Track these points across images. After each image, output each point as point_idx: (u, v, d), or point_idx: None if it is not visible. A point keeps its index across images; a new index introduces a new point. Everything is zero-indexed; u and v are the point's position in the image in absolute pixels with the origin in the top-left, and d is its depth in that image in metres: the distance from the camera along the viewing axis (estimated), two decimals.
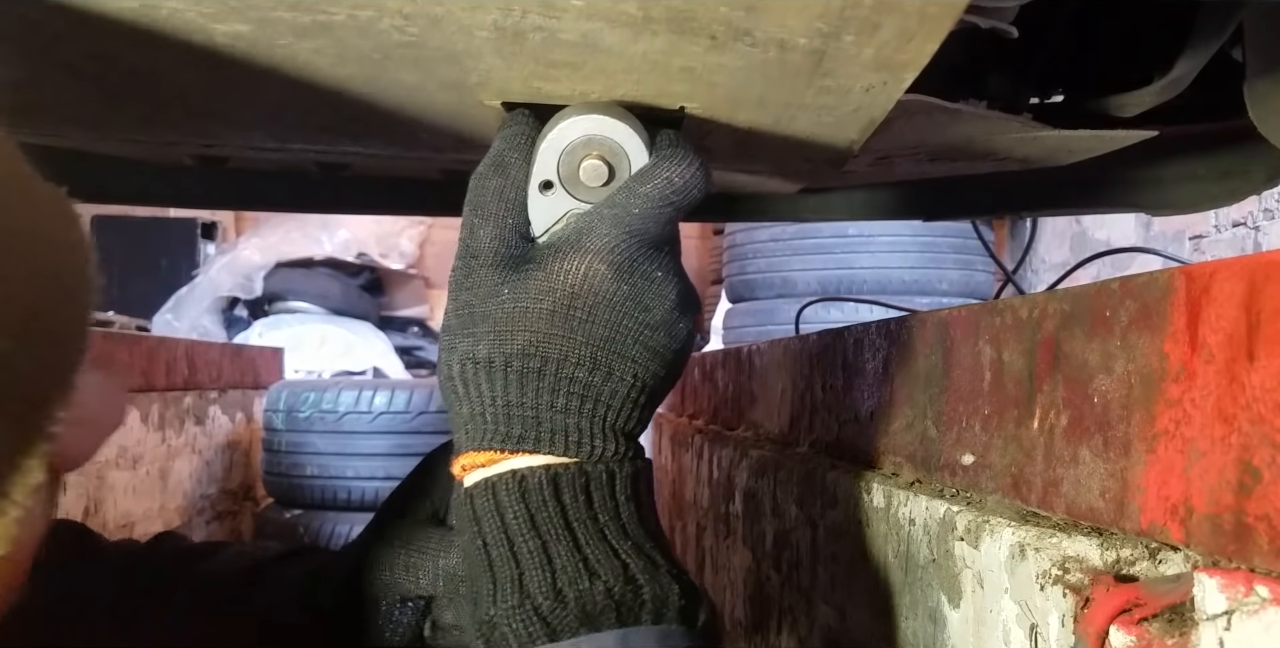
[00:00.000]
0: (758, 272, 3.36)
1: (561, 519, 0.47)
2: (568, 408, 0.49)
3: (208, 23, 0.46)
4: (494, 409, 0.49)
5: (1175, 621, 0.38)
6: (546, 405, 0.49)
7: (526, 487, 0.47)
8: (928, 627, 0.60)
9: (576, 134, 0.52)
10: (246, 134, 0.68)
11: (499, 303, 0.50)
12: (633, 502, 0.49)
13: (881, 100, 0.54)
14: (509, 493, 0.47)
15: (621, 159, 0.52)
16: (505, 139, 0.53)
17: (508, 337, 0.49)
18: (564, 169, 0.52)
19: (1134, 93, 0.83)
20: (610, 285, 0.50)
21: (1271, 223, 2.73)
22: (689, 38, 0.46)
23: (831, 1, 0.42)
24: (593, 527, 0.47)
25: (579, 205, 0.52)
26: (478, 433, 0.49)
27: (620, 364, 0.50)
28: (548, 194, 0.53)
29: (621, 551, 0.47)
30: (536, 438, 0.49)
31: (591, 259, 0.50)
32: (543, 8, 0.43)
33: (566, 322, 0.49)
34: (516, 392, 0.49)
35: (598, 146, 0.52)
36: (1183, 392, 0.41)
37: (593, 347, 0.49)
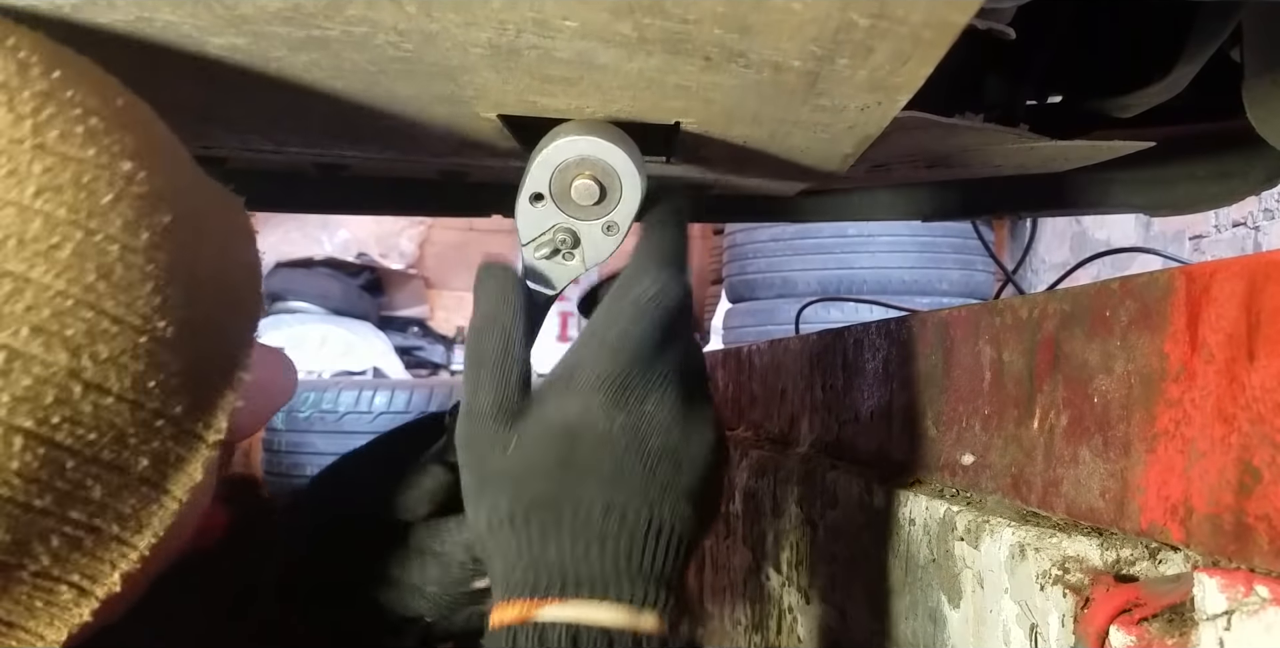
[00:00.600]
0: (758, 272, 3.35)
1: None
2: (588, 555, 0.47)
3: (202, 35, 0.46)
4: (523, 562, 0.48)
5: (1175, 621, 0.38)
6: (569, 554, 0.47)
7: (545, 640, 0.46)
8: (928, 627, 0.60)
9: (571, 153, 0.53)
10: (244, 137, 0.68)
11: (506, 459, 0.50)
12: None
13: (876, 119, 0.54)
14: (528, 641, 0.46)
15: (614, 180, 0.53)
16: (493, 295, 0.52)
17: (522, 491, 0.49)
18: (556, 185, 0.53)
19: (1133, 94, 0.83)
20: (604, 422, 0.48)
21: (1271, 223, 2.73)
22: (683, 58, 0.46)
23: (825, 26, 0.42)
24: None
25: (567, 220, 0.53)
26: (512, 586, 0.48)
27: (634, 503, 0.48)
28: (537, 206, 0.53)
29: None
30: (562, 586, 0.47)
31: (586, 397, 0.49)
32: (537, 27, 0.43)
33: (571, 467, 0.48)
34: (539, 544, 0.48)
35: (591, 166, 0.53)
36: (1183, 392, 0.41)
37: (603, 488, 0.48)
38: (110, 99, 0.42)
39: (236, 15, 0.44)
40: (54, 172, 0.37)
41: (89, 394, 0.38)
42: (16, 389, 0.36)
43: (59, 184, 0.37)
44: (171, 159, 0.44)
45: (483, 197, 1.06)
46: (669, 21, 0.42)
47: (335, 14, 0.43)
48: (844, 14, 0.41)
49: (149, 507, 0.42)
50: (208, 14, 0.44)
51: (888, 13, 0.40)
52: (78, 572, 0.41)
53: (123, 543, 0.42)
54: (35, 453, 0.37)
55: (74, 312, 0.37)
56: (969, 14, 0.41)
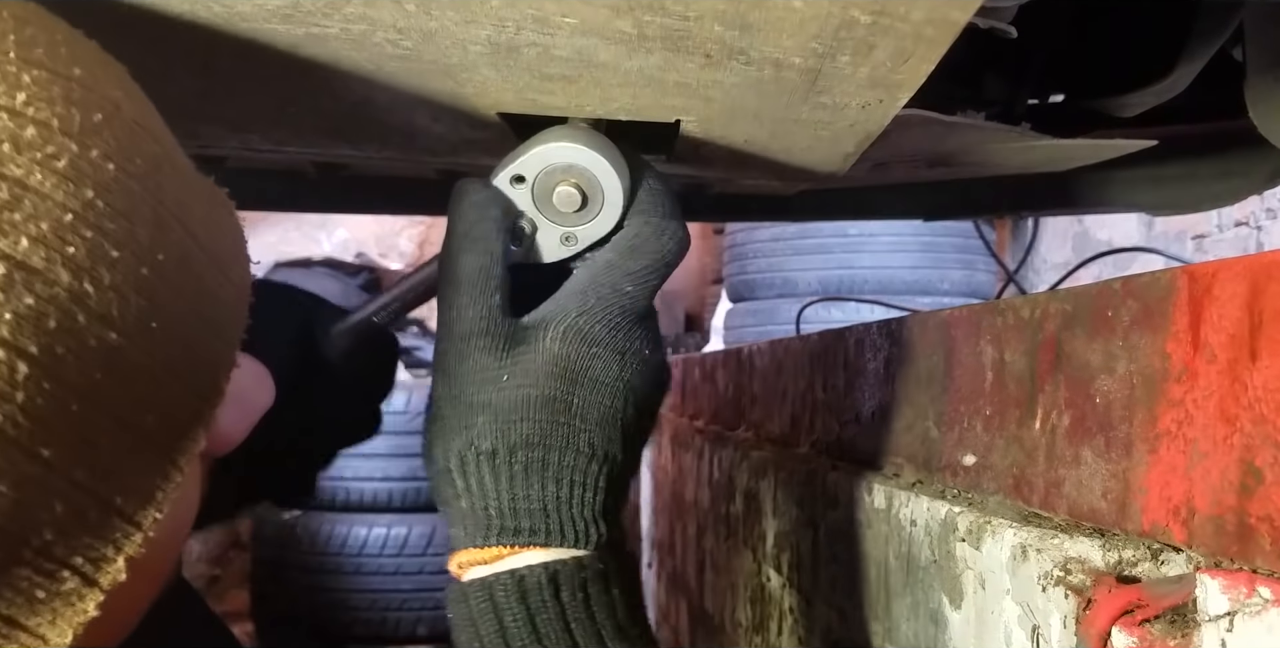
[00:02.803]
0: (758, 272, 3.35)
1: (561, 622, 0.46)
2: (571, 498, 0.48)
3: (202, 32, 0.46)
4: (498, 504, 0.48)
5: (1177, 622, 0.38)
6: (553, 497, 0.48)
7: (525, 587, 0.46)
8: (929, 628, 0.60)
9: (557, 159, 0.52)
10: (243, 137, 0.68)
11: (498, 390, 0.48)
12: (626, 595, 0.49)
13: (878, 117, 0.54)
14: (507, 595, 0.46)
15: (596, 191, 0.52)
16: (473, 210, 0.52)
17: (511, 427, 0.48)
18: (541, 179, 0.52)
19: (1134, 93, 0.83)
20: (607, 370, 0.49)
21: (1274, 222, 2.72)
22: (684, 55, 0.46)
23: (826, 23, 0.42)
24: (590, 627, 0.47)
25: (536, 214, 0.53)
26: (480, 529, 0.48)
27: (612, 449, 0.49)
28: (515, 187, 0.53)
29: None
30: (547, 531, 0.47)
31: (589, 344, 0.49)
32: (536, 24, 0.43)
33: (568, 408, 0.48)
34: (522, 484, 0.48)
35: (575, 175, 0.52)
36: (1185, 392, 0.41)
37: (589, 432, 0.49)
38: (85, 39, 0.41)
39: (235, 13, 0.44)
40: (43, 85, 0.36)
41: (94, 326, 0.35)
42: (19, 306, 0.33)
43: (50, 96, 0.36)
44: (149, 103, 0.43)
45: None
46: (669, 18, 0.42)
47: (334, 12, 0.43)
48: (845, 11, 0.41)
49: (154, 477, 0.39)
50: (206, 11, 0.44)
51: (889, 10, 0.40)
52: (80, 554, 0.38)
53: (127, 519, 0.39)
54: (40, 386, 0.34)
55: (74, 228, 0.35)
56: (970, 11, 0.41)
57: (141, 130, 0.40)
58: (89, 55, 0.40)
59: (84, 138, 0.36)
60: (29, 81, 0.36)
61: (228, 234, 0.45)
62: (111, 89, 0.39)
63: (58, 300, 0.35)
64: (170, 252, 0.39)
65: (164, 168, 0.40)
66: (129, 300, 0.37)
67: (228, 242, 0.44)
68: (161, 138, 0.42)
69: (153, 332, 0.38)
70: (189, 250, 0.40)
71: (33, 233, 0.34)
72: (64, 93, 0.37)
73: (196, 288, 0.41)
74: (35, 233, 0.34)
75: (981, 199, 1.20)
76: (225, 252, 0.43)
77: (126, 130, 0.39)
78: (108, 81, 0.39)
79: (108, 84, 0.39)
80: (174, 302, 0.39)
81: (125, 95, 0.40)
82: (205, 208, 0.43)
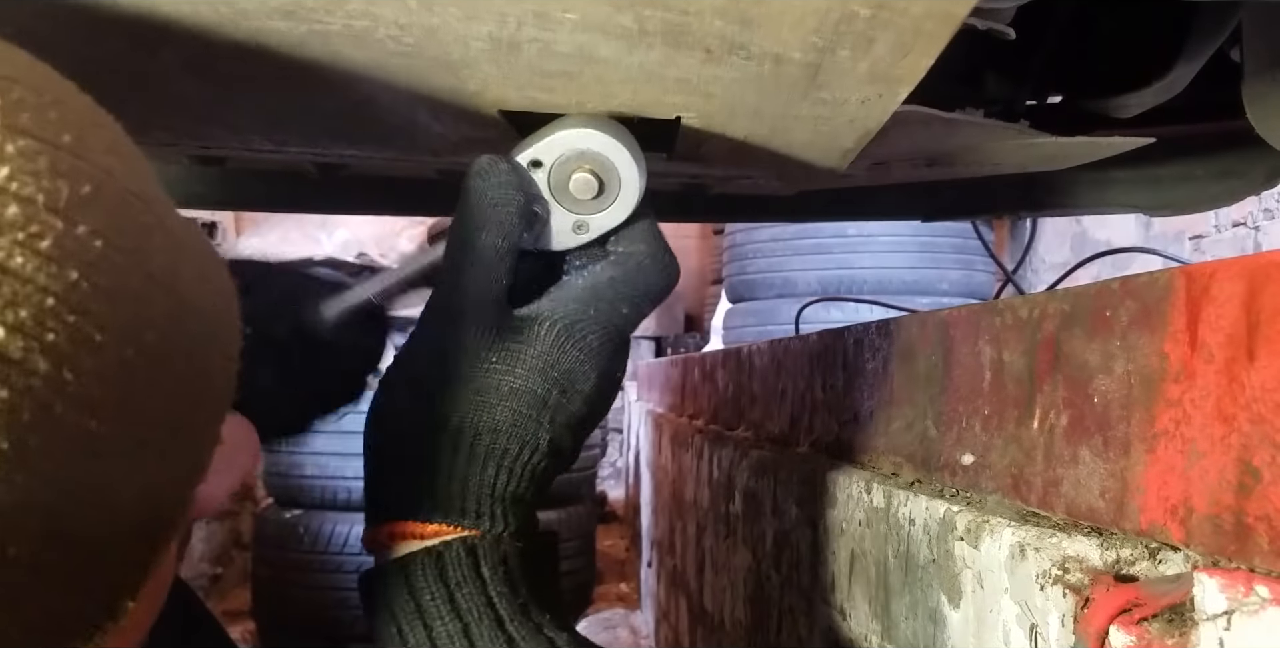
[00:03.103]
0: (758, 272, 3.36)
1: (482, 595, 0.47)
2: (516, 490, 0.49)
3: (203, 31, 0.46)
4: (449, 483, 0.49)
5: (1175, 621, 0.38)
6: (502, 486, 0.49)
7: (443, 563, 0.47)
8: (928, 627, 0.60)
9: (578, 145, 0.52)
10: (244, 137, 0.68)
11: (483, 371, 0.50)
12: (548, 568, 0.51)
13: (877, 112, 0.54)
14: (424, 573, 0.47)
15: (614, 180, 0.52)
16: (499, 189, 0.52)
17: (484, 409, 0.49)
18: (559, 164, 0.53)
19: (1132, 94, 0.83)
20: (586, 381, 0.51)
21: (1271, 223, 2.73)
22: (684, 51, 0.46)
23: (826, 17, 0.42)
24: (514, 601, 0.47)
25: (550, 199, 0.53)
26: (425, 502, 0.49)
27: (564, 450, 0.51)
28: (532, 172, 0.53)
29: (544, 625, 0.47)
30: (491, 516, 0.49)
31: (581, 351, 0.51)
32: (537, 20, 0.43)
33: (546, 409, 0.50)
34: (478, 467, 0.49)
35: (591, 161, 0.52)
36: (1183, 392, 0.41)
37: (553, 434, 0.50)
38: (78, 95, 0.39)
39: (237, 10, 0.44)
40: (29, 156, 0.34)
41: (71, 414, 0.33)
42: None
43: (36, 169, 0.34)
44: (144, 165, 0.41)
45: None
46: (669, 13, 0.42)
47: (336, 8, 0.43)
48: (845, 5, 0.41)
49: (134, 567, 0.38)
50: (208, 9, 0.44)
51: (889, 3, 0.41)
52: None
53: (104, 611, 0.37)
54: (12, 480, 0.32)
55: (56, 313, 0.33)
56: (969, 5, 0.41)
57: (133, 198, 0.38)
58: (81, 117, 0.38)
59: (71, 213, 0.34)
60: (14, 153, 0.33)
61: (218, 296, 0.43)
62: (103, 155, 0.37)
63: (34, 391, 0.33)
64: (157, 328, 0.37)
65: (154, 236, 0.38)
66: (110, 384, 0.35)
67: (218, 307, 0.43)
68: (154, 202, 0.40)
69: (135, 415, 0.36)
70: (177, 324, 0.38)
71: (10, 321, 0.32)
72: (51, 164, 0.34)
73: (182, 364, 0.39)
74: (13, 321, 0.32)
75: (980, 199, 1.20)
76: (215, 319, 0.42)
77: (117, 201, 0.37)
78: (99, 146, 0.37)
79: (99, 149, 0.37)
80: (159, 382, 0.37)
81: (117, 160, 0.38)
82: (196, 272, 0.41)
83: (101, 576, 0.37)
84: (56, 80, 0.39)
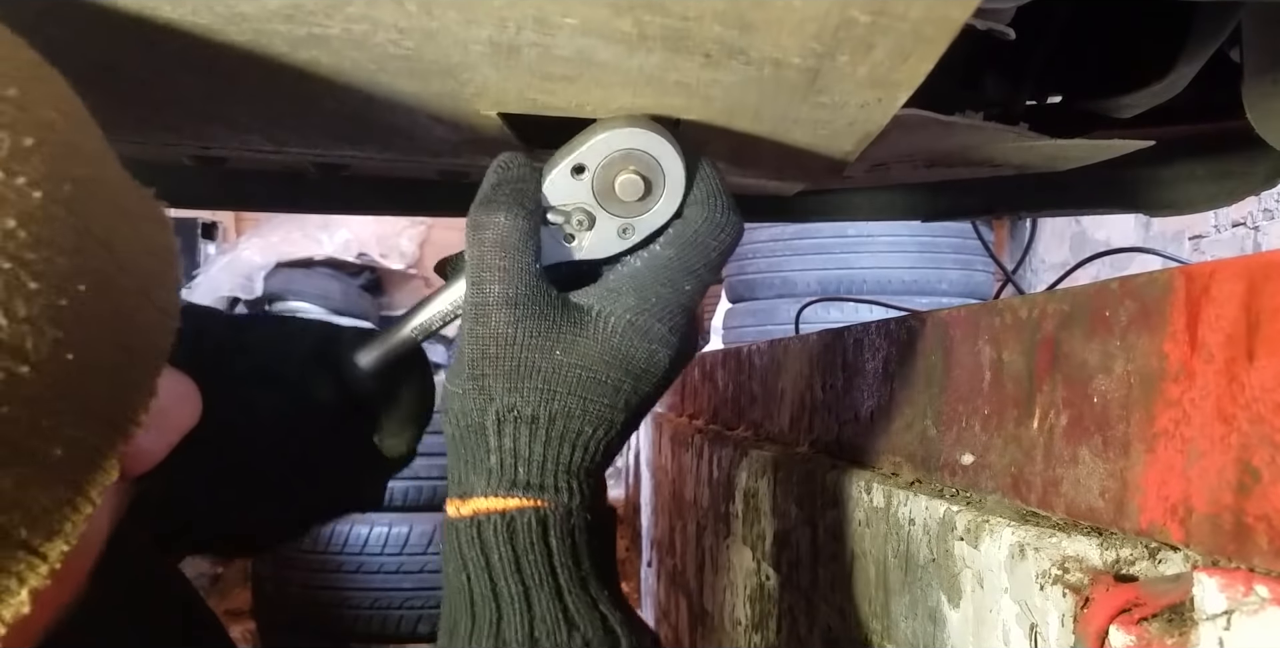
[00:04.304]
0: (758, 272, 3.35)
1: (547, 564, 0.48)
2: (585, 462, 0.50)
3: (204, 33, 0.46)
4: (528, 463, 0.50)
5: (1175, 620, 0.38)
6: (578, 462, 0.50)
7: (515, 528, 0.48)
8: (927, 627, 0.60)
9: (622, 145, 0.51)
10: (244, 137, 0.69)
11: (552, 360, 0.50)
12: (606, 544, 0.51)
13: (877, 116, 0.54)
14: (496, 533, 0.48)
15: (659, 178, 0.51)
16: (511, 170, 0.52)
17: (556, 396, 0.50)
18: (604, 168, 0.52)
19: (1132, 94, 0.83)
20: (660, 365, 0.51)
21: (1271, 223, 2.73)
22: (684, 55, 0.46)
23: (825, 23, 0.42)
24: (575, 574, 0.48)
25: (595, 206, 0.52)
26: (505, 481, 0.50)
27: (632, 426, 0.53)
28: (575, 178, 0.52)
29: (600, 601, 0.48)
30: (570, 490, 0.50)
31: (648, 340, 0.51)
32: (537, 24, 0.43)
33: (618, 395, 0.51)
34: (555, 449, 0.50)
35: (638, 162, 0.51)
36: (1182, 392, 0.41)
37: (626, 412, 0.51)
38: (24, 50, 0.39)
39: (237, 13, 0.44)
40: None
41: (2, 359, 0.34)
42: None
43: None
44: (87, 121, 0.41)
45: None
46: (669, 18, 0.42)
47: (336, 12, 0.43)
48: (844, 11, 0.41)
49: (62, 508, 0.38)
50: (208, 12, 0.44)
51: (888, 9, 0.41)
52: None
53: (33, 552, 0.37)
54: None
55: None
56: (968, 10, 0.41)
57: (74, 152, 0.38)
58: (26, 71, 0.38)
59: (11, 164, 0.35)
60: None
61: (156, 254, 0.43)
62: (46, 108, 0.38)
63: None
64: (90, 279, 0.37)
65: (94, 191, 0.39)
66: (43, 332, 0.35)
67: (155, 263, 0.43)
68: (96, 157, 0.40)
69: (65, 363, 0.36)
70: (110, 277, 0.39)
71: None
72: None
73: (115, 316, 0.39)
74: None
75: (980, 199, 1.21)
76: (151, 274, 0.42)
77: (59, 153, 0.37)
78: (44, 100, 0.38)
79: (43, 103, 0.38)
80: (90, 331, 0.38)
81: (60, 115, 0.39)
82: (133, 228, 0.41)
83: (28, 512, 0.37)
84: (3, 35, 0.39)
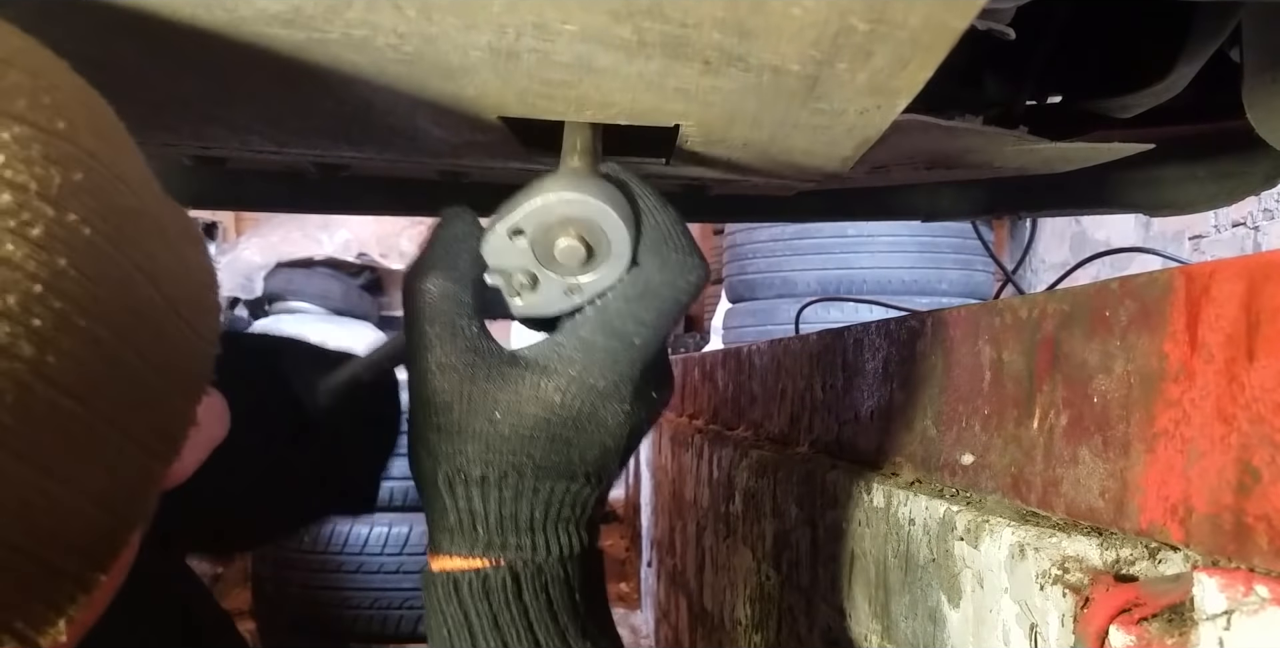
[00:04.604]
0: (758, 272, 3.35)
1: (524, 620, 0.48)
2: (559, 518, 0.50)
3: (204, 36, 0.46)
4: (485, 523, 0.49)
5: (1175, 620, 0.38)
6: (540, 518, 0.49)
7: (490, 587, 0.48)
8: (927, 626, 0.60)
9: (560, 212, 0.48)
10: (244, 139, 0.69)
11: (492, 423, 0.48)
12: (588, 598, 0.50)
13: (876, 122, 0.54)
14: (472, 592, 0.48)
15: (601, 242, 0.49)
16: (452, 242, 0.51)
17: (501, 458, 0.48)
18: (540, 231, 0.49)
19: (1132, 94, 0.83)
20: (614, 417, 0.49)
21: (1271, 223, 2.73)
22: (683, 62, 0.46)
23: (824, 30, 0.42)
24: (553, 628, 0.48)
25: (538, 267, 0.49)
26: (468, 541, 0.49)
27: (607, 472, 0.50)
28: (513, 240, 0.49)
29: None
30: (533, 547, 0.49)
31: (595, 397, 0.48)
32: (536, 30, 0.43)
33: (564, 448, 0.49)
34: (510, 506, 0.49)
35: (576, 225, 0.48)
36: (1182, 392, 0.41)
37: (585, 465, 0.49)
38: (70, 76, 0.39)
39: (237, 17, 0.44)
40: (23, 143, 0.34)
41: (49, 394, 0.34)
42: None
43: (29, 156, 0.34)
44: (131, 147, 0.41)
45: (482, 197, 1.05)
46: (668, 25, 0.42)
47: (335, 17, 0.43)
48: (843, 18, 0.41)
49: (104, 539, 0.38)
50: (208, 16, 0.44)
51: (887, 17, 0.41)
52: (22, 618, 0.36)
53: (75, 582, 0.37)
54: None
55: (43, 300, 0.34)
56: (968, 18, 0.41)
57: (120, 183, 0.38)
58: (74, 99, 0.38)
59: (62, 201, 0.35)
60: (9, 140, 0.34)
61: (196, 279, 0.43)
62: (93, 139, 0.38)
63: (16, 374, 0.33)
64: (135, 311, 0.38)
65: (139, 222, 0.39)
66: (88, 366, 0.35)
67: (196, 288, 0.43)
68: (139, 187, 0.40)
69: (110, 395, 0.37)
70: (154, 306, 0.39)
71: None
72: (44, 151, 0.35)
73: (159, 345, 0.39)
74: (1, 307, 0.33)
75: (980, 200, 1.21)
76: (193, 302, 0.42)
77: (106, 185, 0.37)
78: (90, 130, 0.38)
79: (90, 134, 0.38)
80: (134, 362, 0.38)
81: (107, 145, 0.38)
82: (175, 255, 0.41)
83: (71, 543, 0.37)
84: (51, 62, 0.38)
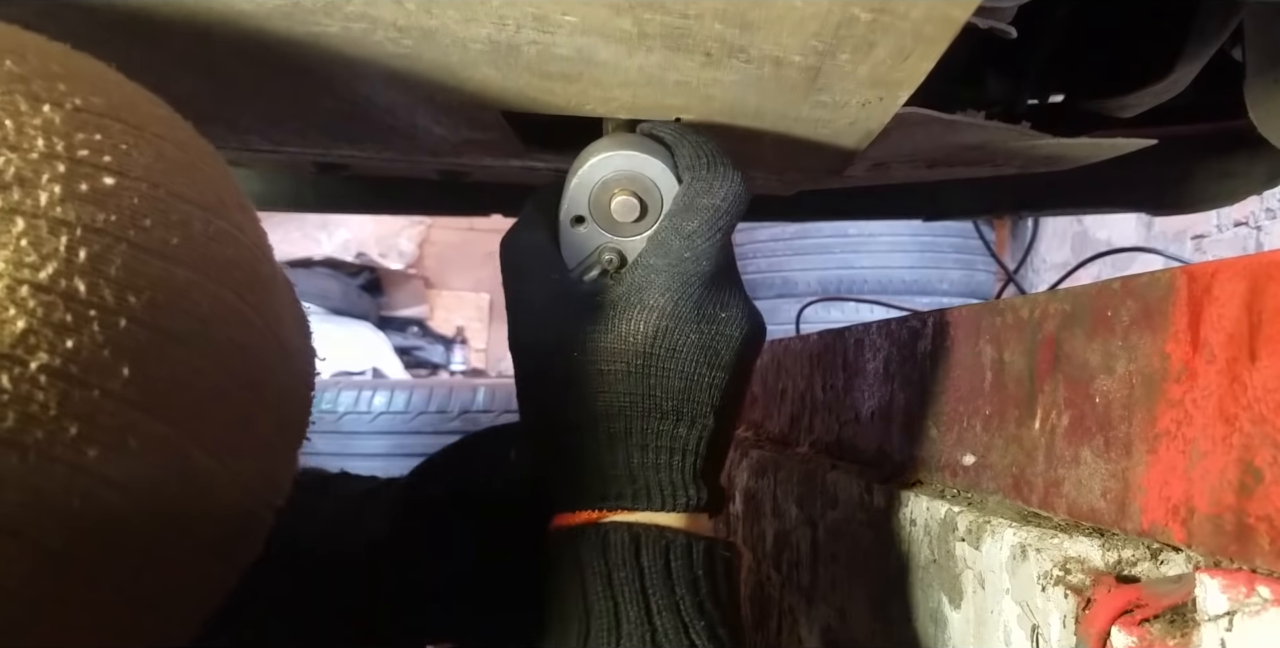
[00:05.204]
0: (758, 272, 3.35)
1: (638, 583, 0.47)
2: (658, 463, 0.49)
3: (203, 33, 0.46)
4: (588, 471, 0.49)
5: (1177, 621, 0.38)
6: (639, 464, 0.49)
7: (608, 543, 0.47)
8: (929, 628, 0.60)
9: (607, 171, 0.51)
10: (244, 137, 0.68)
11: (572, 366, 0.49)
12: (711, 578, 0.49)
13: (878, 115, 0.54)
14: (590, 547, 0.47)
15: (653, 193, 0.51)
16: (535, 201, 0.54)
17: (589, 400, 0.49)
18: (595, 205, 0.52)
19: (1134, 93, 0.83)
20: (681, 339, 0.49)
21: (1273, 222, 2.73)
22: (684, 54, 0.46)
23: (826, 21, 0.42)
24: (666, 597, 0.47)
25: (612, 239, 0.52)
26: (575, 493, 0.49)
27: (700, 411, 0.50)
28: (579, 228, 0.52)
29: (693, 629, 0.46)
30: (633, 495, 0.49)
31: (658, 318, 0.49)
32: (537, 23, 0.43)
33: (644, 380, 0.49)
34: (608, 452, 0.49)
35: (628, 182, 0.51)
36: (1184, 392, 0.41)
37: (673, 399, 0.49)
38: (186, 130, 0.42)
39: (236, 11, 0.44)
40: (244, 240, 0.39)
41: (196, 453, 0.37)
42: None
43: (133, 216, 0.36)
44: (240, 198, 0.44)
45: (483, 196, 1.06)
46: (669, 17, 0.42)
47: (334, 10, 0.43)
48: (845, 9, 0.41)
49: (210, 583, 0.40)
50: (207, 11, 0.44)
51: (889, 8, 0.41)
52: None
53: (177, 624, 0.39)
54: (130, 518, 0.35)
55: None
56: (970, 9, 0.41)
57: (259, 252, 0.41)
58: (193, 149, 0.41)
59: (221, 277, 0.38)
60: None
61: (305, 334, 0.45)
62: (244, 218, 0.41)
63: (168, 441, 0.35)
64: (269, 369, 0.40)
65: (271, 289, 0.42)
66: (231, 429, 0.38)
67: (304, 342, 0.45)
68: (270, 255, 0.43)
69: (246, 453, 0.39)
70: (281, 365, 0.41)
71: None
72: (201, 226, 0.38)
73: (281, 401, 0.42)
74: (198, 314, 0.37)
75: (981, 199, 1.20)
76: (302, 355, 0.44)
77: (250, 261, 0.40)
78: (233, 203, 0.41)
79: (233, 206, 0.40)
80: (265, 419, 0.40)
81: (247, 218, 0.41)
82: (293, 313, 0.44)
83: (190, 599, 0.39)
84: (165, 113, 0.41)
